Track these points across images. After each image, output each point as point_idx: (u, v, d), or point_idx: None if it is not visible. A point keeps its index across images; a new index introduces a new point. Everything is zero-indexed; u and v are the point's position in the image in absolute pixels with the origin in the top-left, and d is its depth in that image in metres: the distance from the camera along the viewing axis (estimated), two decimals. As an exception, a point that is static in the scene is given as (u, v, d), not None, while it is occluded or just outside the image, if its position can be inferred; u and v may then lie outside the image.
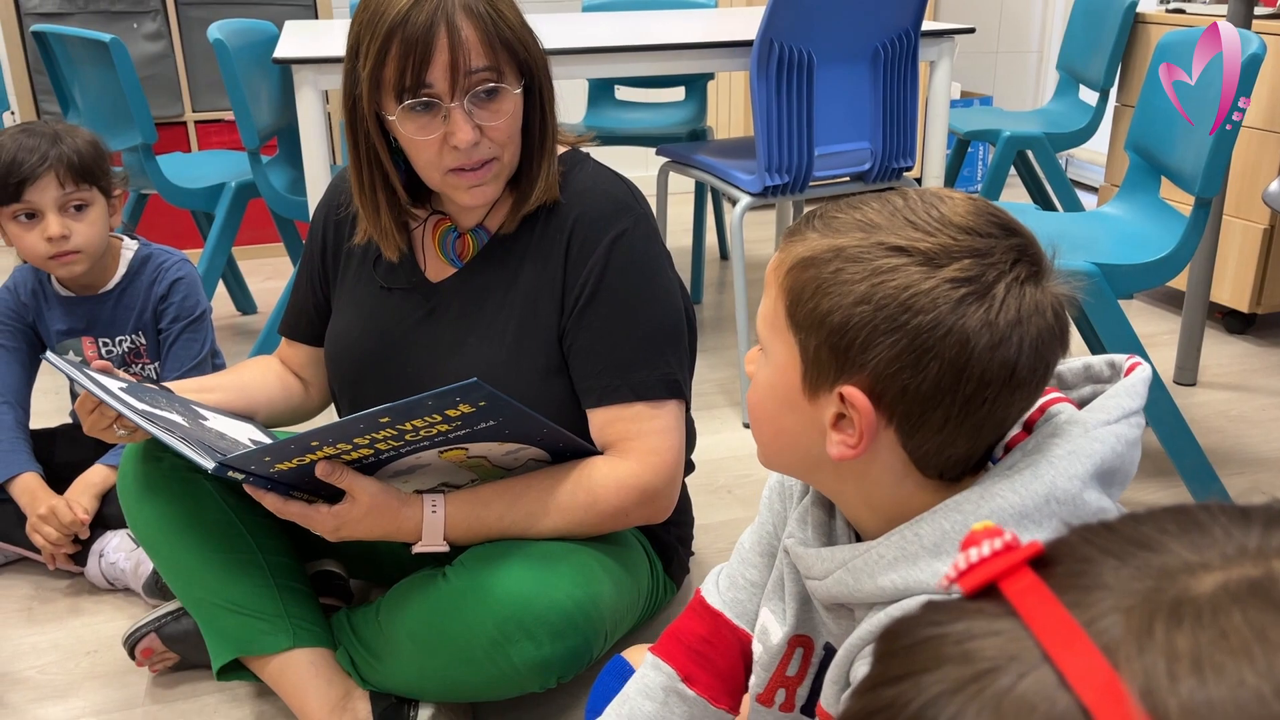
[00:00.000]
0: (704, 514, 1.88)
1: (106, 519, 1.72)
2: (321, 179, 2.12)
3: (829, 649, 0.85)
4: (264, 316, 2.99)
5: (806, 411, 0.74)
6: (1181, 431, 1.84)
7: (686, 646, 0.99)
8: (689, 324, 1.40)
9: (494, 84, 1.21)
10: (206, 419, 1.32)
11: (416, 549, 1.26)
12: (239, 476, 1.19)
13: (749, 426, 2.25)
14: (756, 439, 0.81)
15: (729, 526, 1.89)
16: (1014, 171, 3.34)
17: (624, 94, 3.52)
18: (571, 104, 3.43)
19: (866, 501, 0.77)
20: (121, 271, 1.79)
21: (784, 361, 0.75)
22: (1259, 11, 2.39)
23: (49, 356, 1.37)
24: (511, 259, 1.35)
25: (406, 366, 1.38)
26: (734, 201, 2.31)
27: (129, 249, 1.82)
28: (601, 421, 1.31)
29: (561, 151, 1.36)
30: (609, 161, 1.44)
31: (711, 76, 3.44)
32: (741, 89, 4.15)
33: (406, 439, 1.16)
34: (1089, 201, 3.72)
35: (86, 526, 1.69)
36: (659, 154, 2.63)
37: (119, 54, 2.31)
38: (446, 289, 1.37)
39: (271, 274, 3.36)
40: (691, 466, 1.57)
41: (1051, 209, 3.23)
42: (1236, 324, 2.77)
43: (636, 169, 3.71)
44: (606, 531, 1.32)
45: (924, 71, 2.50)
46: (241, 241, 3.22)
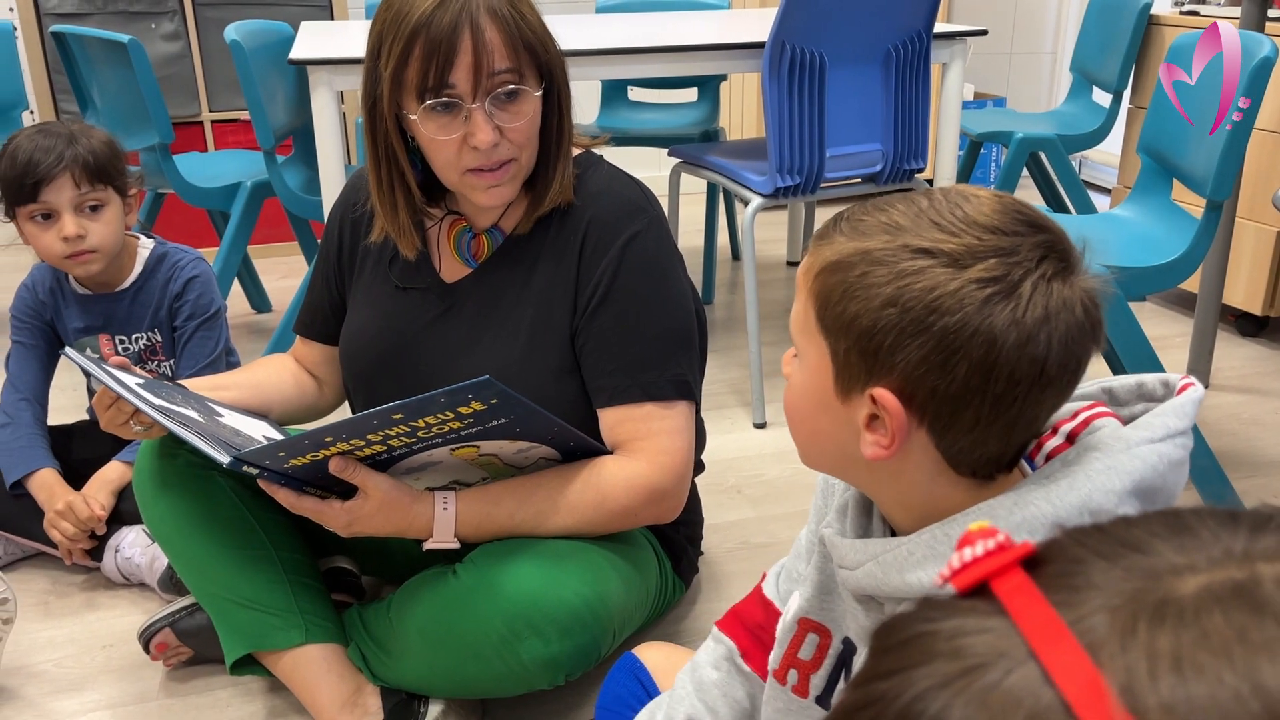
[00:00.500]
0: (714, 514, 1.89)
1: (123, 515, 1.74)
2: (336, 179, 2.14)
3: (848, 643, 0.86)
4: (279, 315, 3.01)
5: (840, 413, 0.75)
6: (1192, 435, 1.84)
7: (745, 626, 1.03)
8: (700, 325, 1.41)
9: (515, 86, 1.22)
10: (221, 416, 1.34)
11: (427, 546, 1.27)
12: (253, 471, 1.20)
13: (760, 427, 2.27)
14: (794, 439, 0.82)
15: (739, 526, 1.89)
16: (1027, 173, 3.34)
17: (637, 95, 3.53)
18: (585, 104, 3.44)
19: (901, 500, 0.78)
20: (138, 270, 1.81)
21: (816, 364, 0.75)
22: (1274, 14, 2.38)
23: (68, 351, 1.39)
24: (526, 259, 1.36)
25: (420, 365, 1.39)
26: (745, 202, 2.31)
27: (145, 247, 1.83)
28: (612, 421, 1.32)
29: (576, 153, 1.37)
30: (622, 162, 1.45)
31: (724, 78, 3.44)
32: (754, 90, 4.16)
33: (419, 435, 1.17)
34: (1103, 203, 3.71)
35: (103, 522, 1.71)
36: (671, 155, 2.64)
37: (137, 54, 2.34)
38: (461, 289, 1.39)
39: (286, 273, 3.38)
40: (701, 466, 1.57)
41: (1064, 211, 3.22)
42: (1250, 327, 2.76)
43: (649, 169, 3.72)
44: (616, 530, 1.33)
45: (936, 73, 2.50)
46: (257, 240, 3.24)
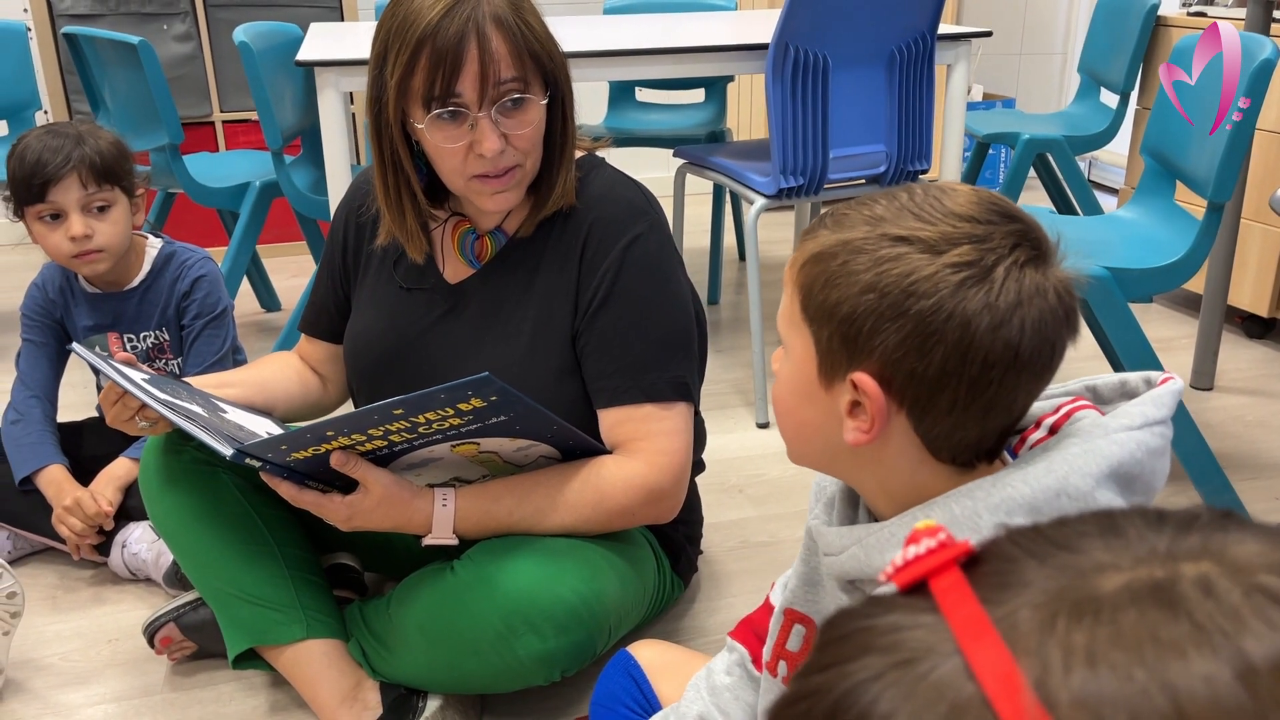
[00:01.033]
0: (715, 513, 1.90)
1: (130, 511, 1.76)
2: (343, 179, 2.16)
3: None
4: (288, 313, 3.03)
5: (824, 401, 0.77)
6: (1192, 435, 1.85)
7: (756, 633, 1.05)
8: (700, 327, 1.42)
9: (520, 94, 1.23)
10: (225, 412, 1.36)
11: (426, 541, 1.28)
12: (256, 464, 1.22)
13: (763, 427, 2.28)
14: (782, 434, 0.84)
15: (740, 526, 1.90)
16: (1035, 175, 3.34)
17: (644, 95, 3.54)
18: (593, 105, 3.46)
19: (884, 489, 0.79)
20: (146, 269, 1.83)
21: (802, 355, 0.78)
22: (1279, 15, 2.38)
23: (75, 348, 1.41)
24: (528, 261, 1.37)
25: (424, 365, 1.40)
26: (750, 203, 2.32)
27: (153, 247, 1.85)
28: (611, 421, 1.33)
29: (578, 156, 1.38)
30: (628, 162, 1.46)
31: (731, 78, 3.45)
32: (761, 91, 4.17)
33: (419, 431, 1.19)
34: (1111, 205, 3.71)
35: (110, 518, 1.73)
36: (676, 155, 2.65)
37: (147, 56, 2.36)
38: (464, 289, 1.40)
39: (296, 271, 3.40)
40: (701, 466, 1.58)
41: (1071, 212, 3.22)
42: (1256, 328, 2.76)
43: (656, 170, 3.73)
44: (614, 529, 1.34)
45: (941, 74, 2.51)
46: (266, 239, 3.27)
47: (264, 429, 1.35)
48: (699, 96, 3.50)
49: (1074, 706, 0.30)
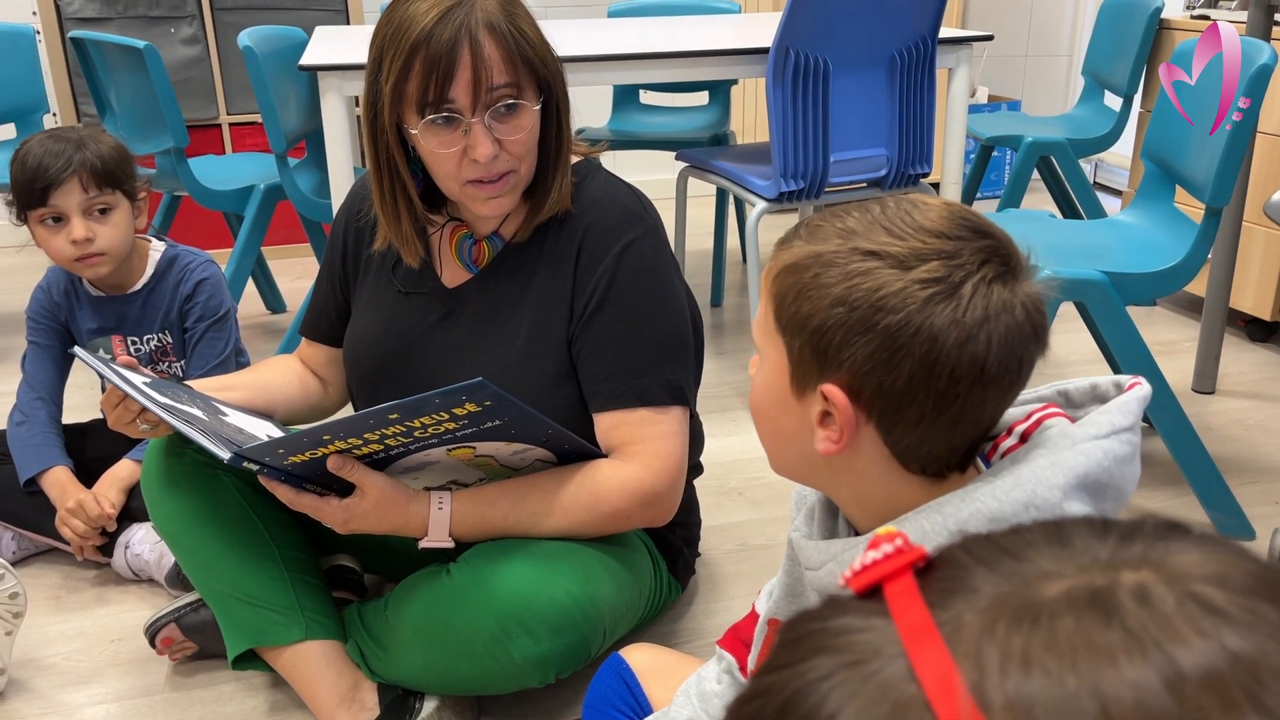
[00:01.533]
0: (714, 515, 1.91)
1: (133, 512, 1.77)
2: (345, 182, 2.17)
3: None
4: (293, 314, 3.05)
5: (797, 411, 0.78)
6: (1190, 440, 1.84)
7: (742, 640, 1.07)
8: (695, 332, 1.43)
9: (514, 100, 1.24)
10: (226, 415, 1.37)
11: (422, 545, 1.30)
12: (254, 467, 1.23)
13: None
14: (761, 442, 0.85)
15: (739, 528, 1.91)
16: (1039, 178, 3.34)
17: (648, 98, 3.55)
18: (597, 108, 3.47)
19: (858, 499, 0.80)
20: (149, 272, 1.85)
21: (775, 364, 0.79)
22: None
23: (77, 351, 1.43)
24: (524, 266, 1.38)
25: (421, 368, 1.41)
26: (752, 206, 2.33)
27: (156, 250, 1.87)
28: (607, 425, 1.34)
29: (574, 161, 1.39)
30: (631, 165, 1.47)
31: (735, 82, 3.46)
32: (764, 94, 4.17)
33: (415, 435, 1.20)
34: (1116, 207, 3.70)
35: (113, 520, 1.75)
36: (678, 159, 2.66)
37: (153, 60, 2.38)
38: (462, 294, 1.41)
39: (301, 274, 3.42)
40: (699, 469, 1.59)
41: (1075, 215, 3.22)
42: (1258, 332, 2.75)
43: (659, 173, 3.73)
44: (609, 533, 1.35)
45: (943, 77, 2.51)
46: (271, 241, 3.29)
47: (264, 432, 1.37)
48: (703, 99, 3.50)
49: (1007, 709, 0.31)
